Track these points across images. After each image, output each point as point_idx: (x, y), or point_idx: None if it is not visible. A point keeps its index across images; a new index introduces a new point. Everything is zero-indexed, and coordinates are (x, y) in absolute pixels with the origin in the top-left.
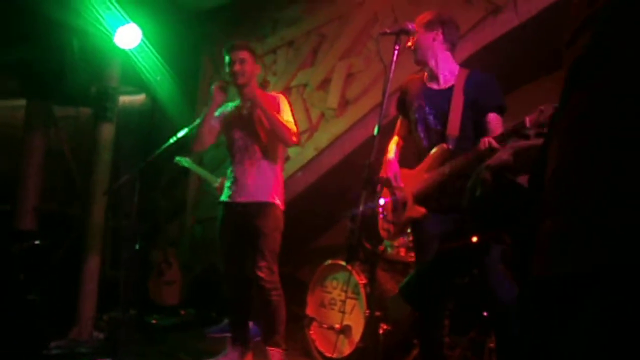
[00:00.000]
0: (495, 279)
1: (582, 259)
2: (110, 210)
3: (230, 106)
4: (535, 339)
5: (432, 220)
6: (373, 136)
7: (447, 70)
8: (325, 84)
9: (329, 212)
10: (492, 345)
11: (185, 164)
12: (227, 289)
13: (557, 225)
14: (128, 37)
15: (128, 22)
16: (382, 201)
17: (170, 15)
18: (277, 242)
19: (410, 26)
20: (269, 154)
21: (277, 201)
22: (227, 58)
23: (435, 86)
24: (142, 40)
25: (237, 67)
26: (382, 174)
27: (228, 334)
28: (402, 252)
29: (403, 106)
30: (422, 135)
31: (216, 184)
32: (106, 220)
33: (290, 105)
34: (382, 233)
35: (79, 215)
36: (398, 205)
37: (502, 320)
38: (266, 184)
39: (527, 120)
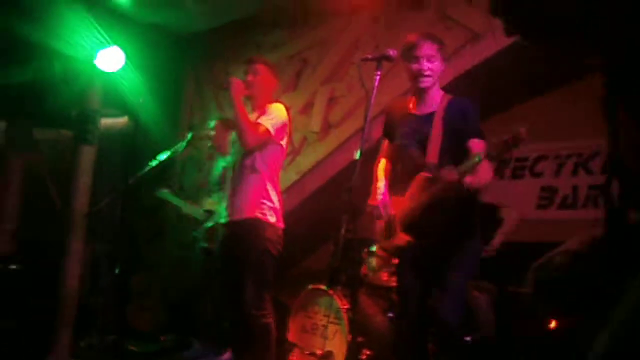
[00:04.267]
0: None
1: None
2: (90, 234)
3: None
4: None
5: (414, 249)
6: (355, 160)
7: (435, 97)
8: (307, 108)
9: (312, 236)
10: None
11: (168, 197)
12: (227, 319)
13: None
14: (110, 59)
15: (110, 45)
16: (378, 228)
17: (153, 39)
18: (267, 264)
19: (391, 52)
20: (256, 166)
21: (267, 218)
22: (243, 69)
23: (418, 112)
24: (124, 62)
25: (249, 77)
26: (372, 201)
27: (202, 358)
28: (385, 276)
29: (388, 130)
30: (407, 161)
31: (199, 216)
32: (85, 244)
33: (288, 112)
34: (377, 260)
35: (57, 239)
36: (390, 233)
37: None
38: (253, 199)
39: (481, 154)
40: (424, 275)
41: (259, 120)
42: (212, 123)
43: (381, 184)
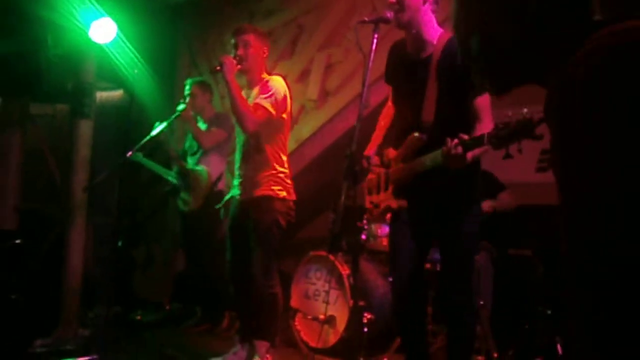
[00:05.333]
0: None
1: None
2: (90, 207)
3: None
4: None
5: (409, 211)
6: (354, 127)
7: (430, 36)
8: (304, 75)
9: (312, 204)
10: None
11: (141, 160)
12: (232, 285)
13: None
14: (103, 31)
15: (103, 16)
16: (369, 178)
17: (145, 9)
18: (274, 237)
19: (388, 14)
20: (261, 144)
21: (278, 193)
22: (232, 41)
23: (415, 56)
24: (117, 34)
25: (239, 51)
26: (367, 151)
27: (203, 327)
28: (384, 242)
29: (388, 74)
30: (402, 112)
31: (172, 178)
32: (87, 218)
33: (289, 88)
34: (367, 215)
35: (59, 213)
36: (380, 186)
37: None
38: (262, 177)
39: (486, 136)
40: (420, 238)
41: (257, 101)
42: (188, 87)
43: (378, 133)
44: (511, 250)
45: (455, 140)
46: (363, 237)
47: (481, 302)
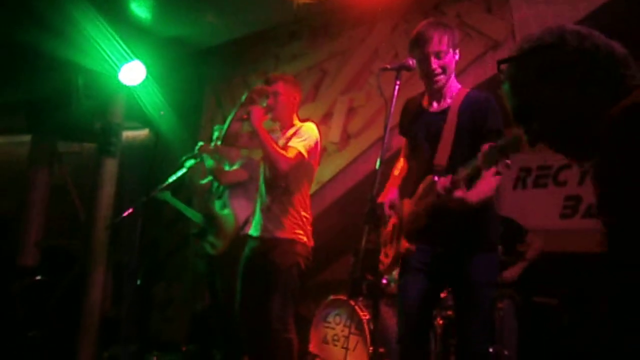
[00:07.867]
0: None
1: None
2: (112, 245)
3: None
4: None
5: (417, 258)
6: (375, 170)
7: (451, 91)
8: (327, 118)
9: (332, 247)
10: None
11: (168, 199)
12: (242, 328)
13: None
14: (132, 73)
15: (132, 60)
16: (384, 231)
17: (173, 52)
18: (293, 279)
19: (410, 62)
20: (290, 187)
21: (299, 237)
22: (263, 95)
23: (432, 108)
24: (145, 76)
25: (269, 101)
26: (381, 198)
27: None
28: None
29: (403, 127)
30: (418, 160)
31: (198, 220)
32: (108, 255)
33: (320, 133)
34: (380, 265)
35: (81, 249)
36: (394, 236)
37: None
38: (287, 219)
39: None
40: (432, 283)
41: (290, 143)
42: (217, 133)
43: (392, 181)
44: (536, 298)
45: (446, 181)
46: (384, 281)
47: (506, 352)
